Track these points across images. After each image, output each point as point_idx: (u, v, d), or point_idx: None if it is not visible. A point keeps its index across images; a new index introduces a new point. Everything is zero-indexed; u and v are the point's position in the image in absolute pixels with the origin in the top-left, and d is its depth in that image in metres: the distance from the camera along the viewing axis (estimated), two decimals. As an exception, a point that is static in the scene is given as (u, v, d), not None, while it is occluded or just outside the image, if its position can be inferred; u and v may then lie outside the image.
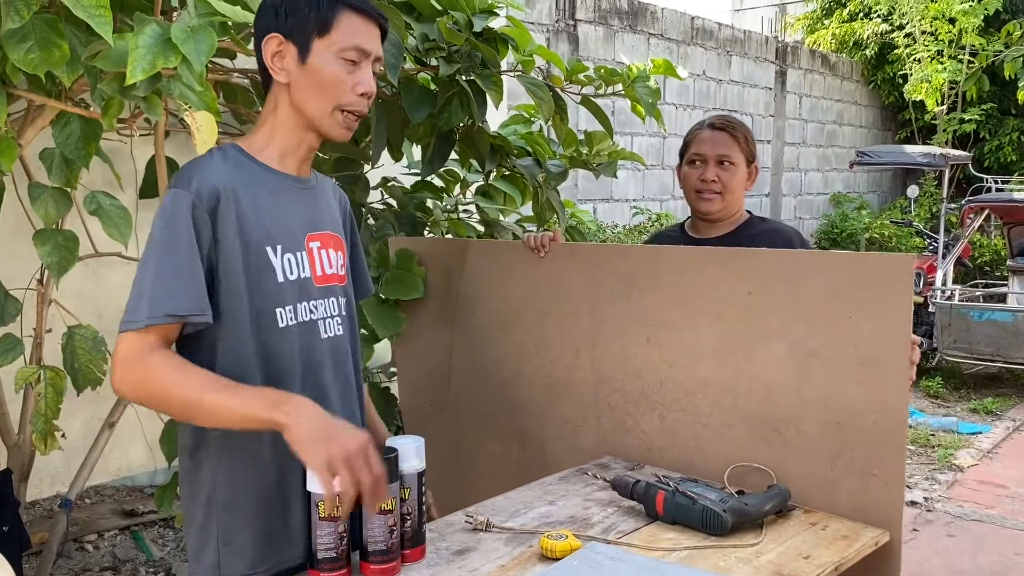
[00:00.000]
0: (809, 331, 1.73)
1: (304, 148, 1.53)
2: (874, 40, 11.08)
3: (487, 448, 2.30)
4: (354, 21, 1.46)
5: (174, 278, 1.35)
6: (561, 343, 2.13)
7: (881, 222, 9.61)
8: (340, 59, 1.45)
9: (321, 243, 1.55)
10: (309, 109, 1.47)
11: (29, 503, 3.09)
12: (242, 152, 1.49)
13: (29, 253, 2.53)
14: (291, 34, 1.45)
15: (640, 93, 2.61)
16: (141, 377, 1.34)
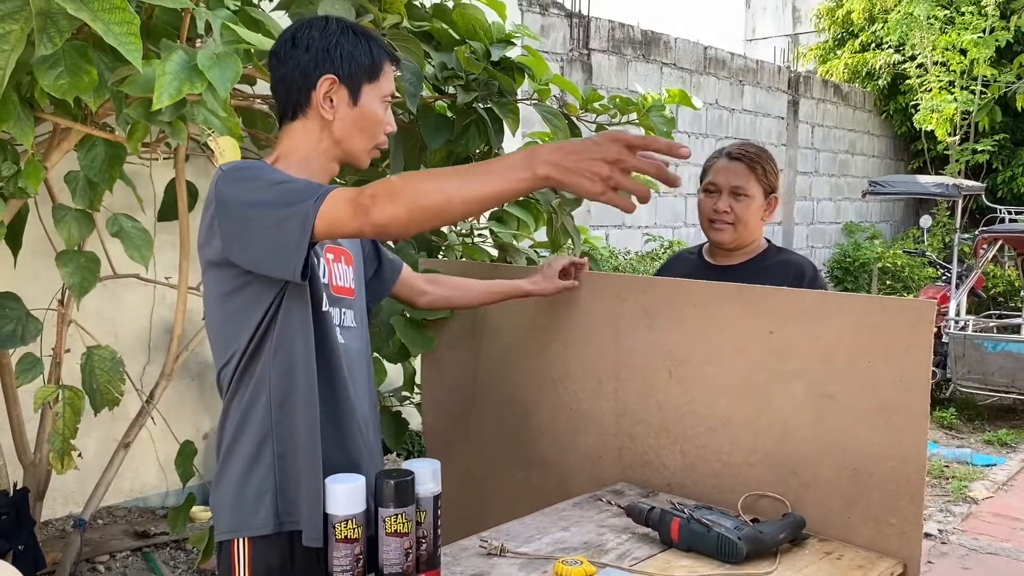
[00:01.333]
0: (827, 373, 1.72)
1: (327, 175, 1.61)
2: (886, 70, 11.13)
3: (508, 474, 2.30)
4: (390, 69, 1.61)
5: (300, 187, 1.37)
6: (584, 373, 2.14)
7: (894, 252, 9.59)
8: (382, 103, 1.59)
9: (335, 256, 1.63)
10: (352, 146, 1.59)
11: (42, 523, 3.10)
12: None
13: (49, 274, 2.57)
14: (344, 78, 1.54)
15: (655, 122, 2.64)
16: (386, 196, 1.27)
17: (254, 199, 1.38)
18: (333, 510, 1.33)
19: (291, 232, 1.33)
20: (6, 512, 2.22)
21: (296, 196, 1.34)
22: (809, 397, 1.74)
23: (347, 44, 1.55)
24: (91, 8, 1.49)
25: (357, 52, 1.55)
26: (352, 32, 1.57)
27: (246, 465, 1.53)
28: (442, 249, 3.16)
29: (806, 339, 1.75)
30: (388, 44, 1.63)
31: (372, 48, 1.57)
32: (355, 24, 1.61)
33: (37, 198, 2.29)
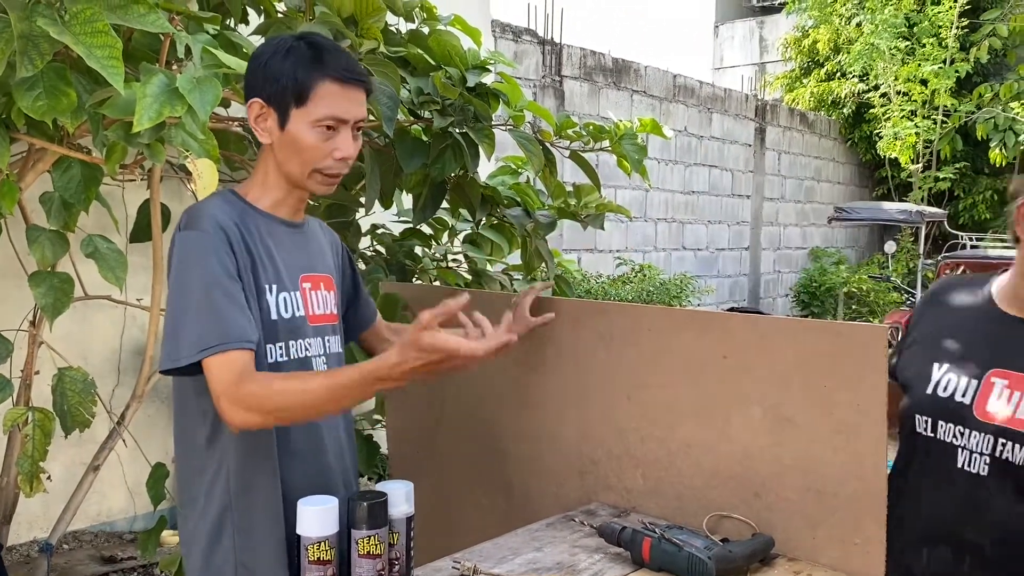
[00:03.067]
0: (784, 397, 1.75)
1: (294, 198, 1.59)
2: (851, 99, 11.37)
3: (473, 498, 2.31)
4: (331, 90, 1.47)
5: (227, 309, 1.39)
6: (546, 398, 2.16)
7: (859, 277, 9.76)
8: (316, 128, 1.47)
9: (312, 284, 1.60)
10: (289, 170, 1.52)
11: (6, 548, 3.05)
12: (239, 197, 1.56)
13: (18, 294, 2.55)
14: (270, 100, 1.48)
15: (627, 150, 2.69)
16: (245, 404, 1.36)
17: (182, 286, 1.41)
18: (306, 532, 1.34)
19: (185, 340, 1.38)
20: (-28, 536, 2.20)
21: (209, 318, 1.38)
22: (767, 420, 1.77)
23: (275, 65, 1.47)
24: (73, 31, 1.50)
25: (283, 74, 1.46)
26: (288, 51, 1.47)
27: (209, 537, 1.51)
28: (416, 273, 3.18)
29: (762, 364, 1.78)
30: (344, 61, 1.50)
31: (300, 69, 1.46)
32: (308, 41, 1.50)
33: (7, 219, 2.28)
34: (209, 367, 1.37)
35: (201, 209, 1.49)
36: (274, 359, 1.50)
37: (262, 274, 1.49)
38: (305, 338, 1.56)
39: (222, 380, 1.35)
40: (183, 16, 1.90)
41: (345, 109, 1.48)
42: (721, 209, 9.12)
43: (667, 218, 8.25)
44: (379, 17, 2.35)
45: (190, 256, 1.43)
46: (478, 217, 2.97)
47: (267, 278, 1.50)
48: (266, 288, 1.50)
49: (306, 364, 1.55)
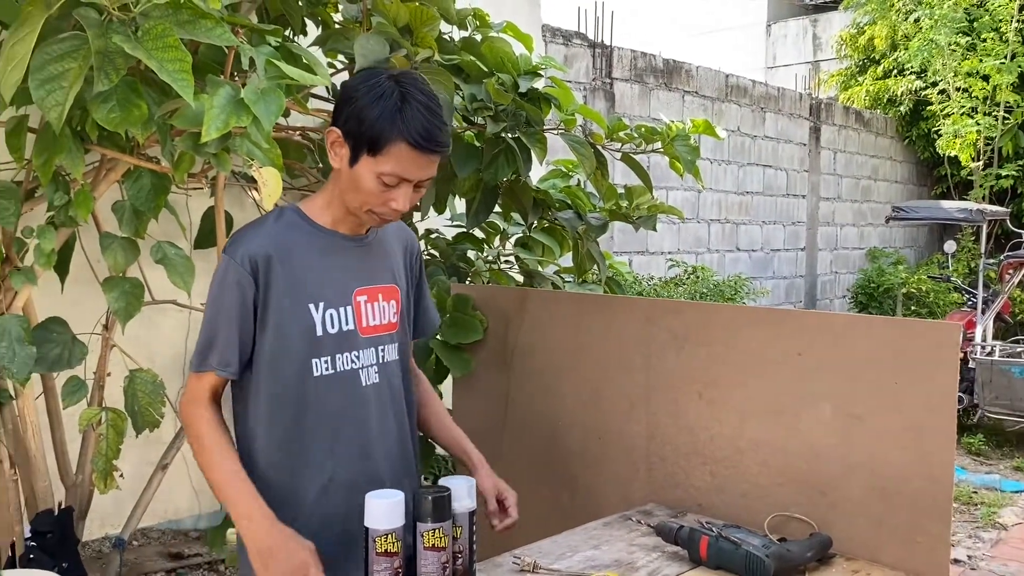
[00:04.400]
0: (855, 395, 1.76)
1: (354, 219, 1.64)
2: (908, 97, 11.14)
3: (538, 494, 2.35)
4: (403, 152, 1.49)
5: (212, 338, 1.58)
6: (615, 395, 2.19)
7: (918, 277, 9.54)
8: (380, 178, 1.52)
9: (368, 297, 1.66)
10: (347, 199, 1.59)
11: (81, 544, 3.16)
12: (299, 214, 1.64)
13: (89, 300, 2.65)
14: (347, 136, 1.53)
15: (679, 151, 2.69)
16: (189, 419, 1.61)
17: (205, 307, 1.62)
18: (373, 524, 1.38)
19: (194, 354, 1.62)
20: (51, 531, 2.29)
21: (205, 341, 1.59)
22: (837, 418, 1.78)
23: (367, 108, 1.49)
24: (146, 47, 1.57)
25: (369, 121, 1.48)
26: (382, 96, 1.49)
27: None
28: (468, 275, 3.23)
29: (834, 361, 1.79)
30: (427, 125, 1.49)
31: (383, 122, 1.47)
32: (404, 90, 1.50)
33: (79, 227, 2.38)
34: (189, 378, 1.62)
35: (240, 237, 1.60)
36: (319, 372, 1.59)
37: (308, 293, 1.58)
38: (354, 350, 1.63)
39: (188, 392, 1.61)
40: (246, 29, 1.97)
41: (411, 172, 1.52)
42: (776, 209, 9.00)
43: (720, 219, 8.18)
44: (433, 26, 2.40)
45: (215, 281, 1.60)
46: (530, 220, 3.01)
47: (313, 297, 1.59)
48: (311, 307, 1.58)
49: (354, 376, 1.63)
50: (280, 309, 1.56)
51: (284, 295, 1.56)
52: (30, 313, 2.32)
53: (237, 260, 1.55)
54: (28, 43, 1.62)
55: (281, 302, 1.56)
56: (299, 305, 1.57)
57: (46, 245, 2.11)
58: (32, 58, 1.61)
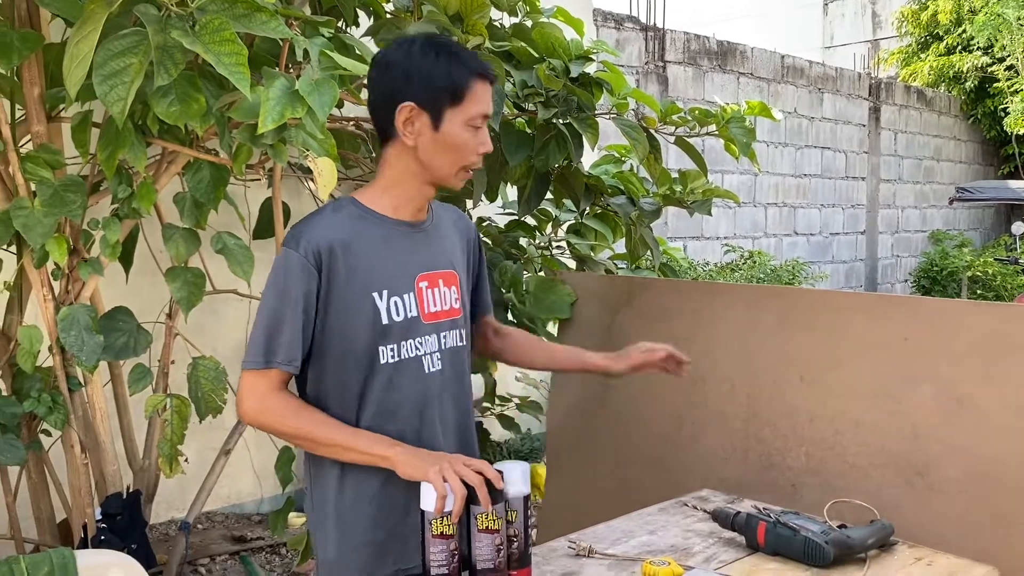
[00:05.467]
0: (958, 378, 1.76)
1: (421, 198, 1.63)
2: (973, 73, 10.80)
3: (629, 474, 2.39)
4: (480, 88, 1.55)
5: (274, 333, 1.54)
6: (717, 378, 2.21)
7: (984, 260, 9.27)
8: (468, 125, 1.54)
9: (429, 283, 1.64)
10: (437, 169, 1.57)
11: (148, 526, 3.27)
12: (356, 204, 1.61)
13: (152, 289, 2.73)
14: (424, 102, 1.52)
15: (735, 133, 2.66)
16: (259, 415, 1.56)
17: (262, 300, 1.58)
18: (429, 507, 1.40)
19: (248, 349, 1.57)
20: (120, 513, 2.36)
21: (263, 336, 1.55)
22: (938, 401, 1.78)
23: (427, 67, 1.52)
24: (203, 41, 1.60)
25: (437, 75, 1.51)
26: (435, 53, 1.53)
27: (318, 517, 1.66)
28: (520, 262, 3.23)
29: (938, 345, 1.79)
30: (479, 59, 1.59)
31: (454, 69, 1.52)
32: (441, 42, 1.57)
33: (142, 218, 2.45)
34: (245, 376, 1.55)
35: (301, 229, 1.57)
36: (385, 360, 1.58)
37: (371, 282, 1.57)
38: (418, 337, 1.61)
39: (252, 392, 1.55)
40: (300, 21, 2.00)
41: (488, 105, 1.57)
42: (835, 192, 8.82)
43: (777, 202, 8.04)
44: (484, 13, 2.41)
45: (273, 274, 1.57)
46: (582, 207, 3.00)
47: (376, 285, 1.57)
48: (375, 296, 1.57)
49: (418, 363, 1.62)
50: (344, 299, 1.55)
51: (348, 285, 1.55)
52: (97, 303, 2.39)
53: (300, 252, 1.53)
54: (91, 40, 1.66)
55: (345, 292, 1.55)
56: (364, 294, 1.56)
57: (111, 236, 2.17)
58: (95, 55, 1.66)
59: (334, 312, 1.55)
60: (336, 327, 1.56)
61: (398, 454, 1.50)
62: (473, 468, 1.43)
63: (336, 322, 1.56)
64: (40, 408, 2.23)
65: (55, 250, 2.09)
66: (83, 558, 1.69)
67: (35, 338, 2.19)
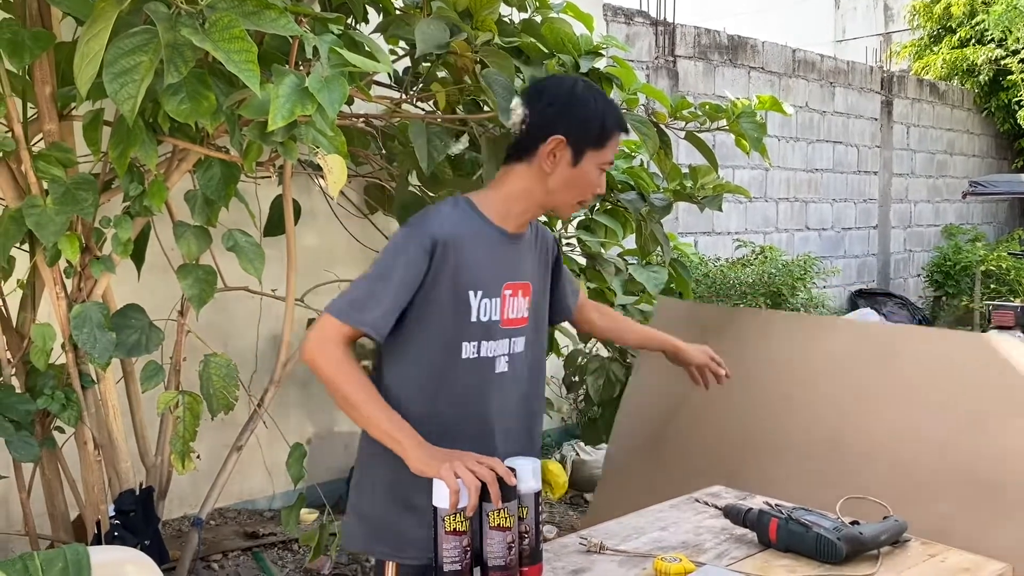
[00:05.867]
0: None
1: (530, 215, 1.79)
2: (987, 66, 10.71)
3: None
4: (617, 139, 1.75)
5: (375, 299, 1.64)
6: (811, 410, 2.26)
7: (998, 254, 9.20)
8: (598, 168, 1.72)
9: (512, 291, 1.78)
10: (560, 198, 1.74)
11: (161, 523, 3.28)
12: (471, 205, 1.75)
13: (164, 287, 2.74)
14: (573, 140, 1.69)
15: (745, 128, 2.64)
16: (322, 358, 1.62)
17: (374, 264, 1.70)
18: (442, 503, 1.40)
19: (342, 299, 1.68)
20: (133, 509, 2.38)
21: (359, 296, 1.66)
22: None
23: (584, 110, 1.69)
24: (213, 39, 1.60)
25: (591, 120, 1.69)
26: (593, 99, 1.71)
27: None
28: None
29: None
30: (623, 119, 1.76)
31: (606, 119, 1.70)
32: (597, 90, 1.75)
33: (154, 216, 2.45)
34: (327, 319, 1.64)
35: (428, 215, 1.73)
36: (467, 355, 1.71)
37: (471, 281, 1.69)
38: (495, 339, 1.74)
39: (324, 331, 1.63)
40: (309, 18, 1.99)
41: (615, 153, 1.78)
42: (846, 187, 8.77)
43: (789, 197, 8.01)
44: (493, 9, 2.40)
45: (391, 247, 1.69)
46: (592, 202, 2.99)
47: (475, 284, 1.70)
48: (471, 294, 1.69)
49: (491, 363, 1.74)
50: (445, 290, 1.67)
51: (451, 278, 1.67)
52: (109, 300, 2.40)
53: (420, 237, 1.65)
54: (102, 39, 1.67)
55: (447, 284, 1.67)
56: (462, 290, 1.68)
57: (123, 234, 2.18)
58: (105, 53, 1.66)
59: (433, 300, 1.67)
60: (431, 314, 1.68)
61: (413, 447, 1.55)
62: (486, 465, 1.44)
63: (432, 310, 1.68)
64: (53, 405, 2.24)
65: (67, 248, 2.10)
66: (96, 554, 1.70)
67: (48, 336, 2.20)
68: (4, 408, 2.18)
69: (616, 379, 3.45)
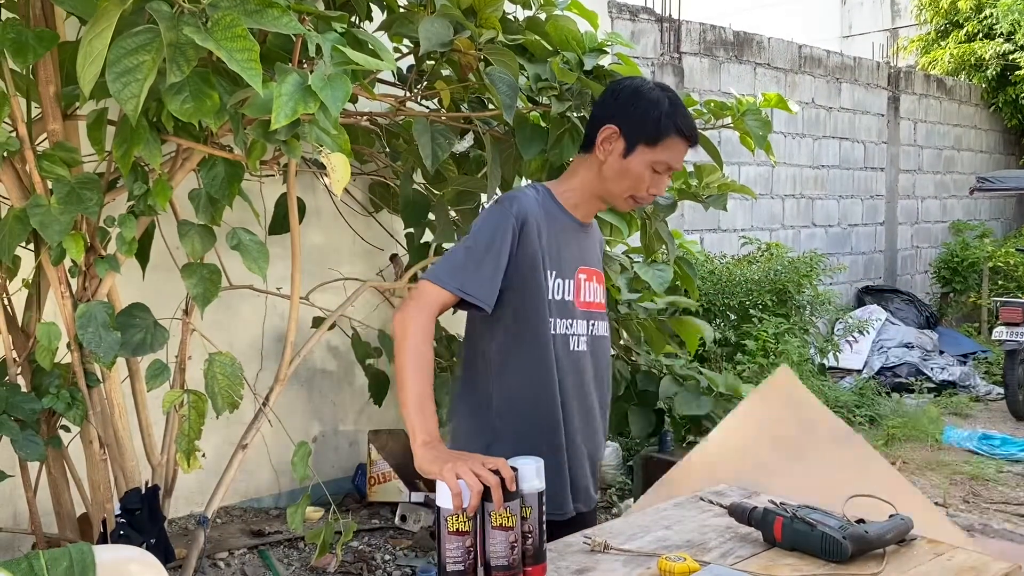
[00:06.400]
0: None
1: (594, 204, 1.88)
2: (995, 61, 10.66)
3: None
4: (676, 144, 1.76)
5: (476, 267, 1.72)
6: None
7: (1006, 250, 9.16)
8: (650, 167, 1.76)
9: (587, 276, 1.89)
10: (610, 187, 1.81)
11: (167, 521, 3.29)
12: (549, 193, 1.85)
13: (170, 286, 2.74)
14: (626, 132, 1.76)
15: (750, 125, 2.63)
16: (407, 323, 1.67)
17: (468, 235, 1.78)
18: (444, 503, 1.40)
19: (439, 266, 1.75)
20: (139, 508, 2.38)
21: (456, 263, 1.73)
22: None
23: (645, 107, 1.75)
24: (215, 38, 1.60)
25: (648, 117, 1.74)
26: (657, 98, 1.75)
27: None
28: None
29: None
30: (692, 122, 1.79)
31: (663, 121, 1.74)
32: (671, 94, 1.79)
33: (158, 215, 2.46)
34: (426, 286, 1.70)
35: (516, 195, 1.81)
36: (543, 331, 1.79)
37: (546, 261, 1.78)
38: (572, 318, 1.84)
39: (420, 296, 1.69)
40: (313, 16, 1.99)
41: (677, 161, 1.79)
42: (853, 183, 8.73)
43: (795, 194, 7.98)
44: (497, 6, 2.40)
45: (486, 219, 1.77)
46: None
47: (549, 265, 1.79)
48: (545, 273, 1.79)
49: (566, 340, 1.83)
50: (525, 267, 1.76)
51: (530, 256, 1.76)
52: (114, 299, 2.41)
53: (512, 212, 1.74)
54: (105, 38, 1.67)
55: (527, 260, 1.76)
56: (539, 268, 1.77)
57: (127, 233, 2.18)
58: (108, 52, 1.66)
59: (519, 275, 1.76)
60: (511, 288, 1.75)
61: (421, 445, 1.57)
62: (489, 467, 1.44)
63: (512, 284, 1.75)
64: (59, 404, 2.25)
65: (72, 247, 2.10)
66: (102, 553, 1.69)
67: (53, 335, 2.21)
68: (10, 407, 2.18)
69: (621, 377, 3.45)
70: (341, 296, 3.24)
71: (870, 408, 5.98)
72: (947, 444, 5.53)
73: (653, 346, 3.47)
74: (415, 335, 1.66)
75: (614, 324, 3.44)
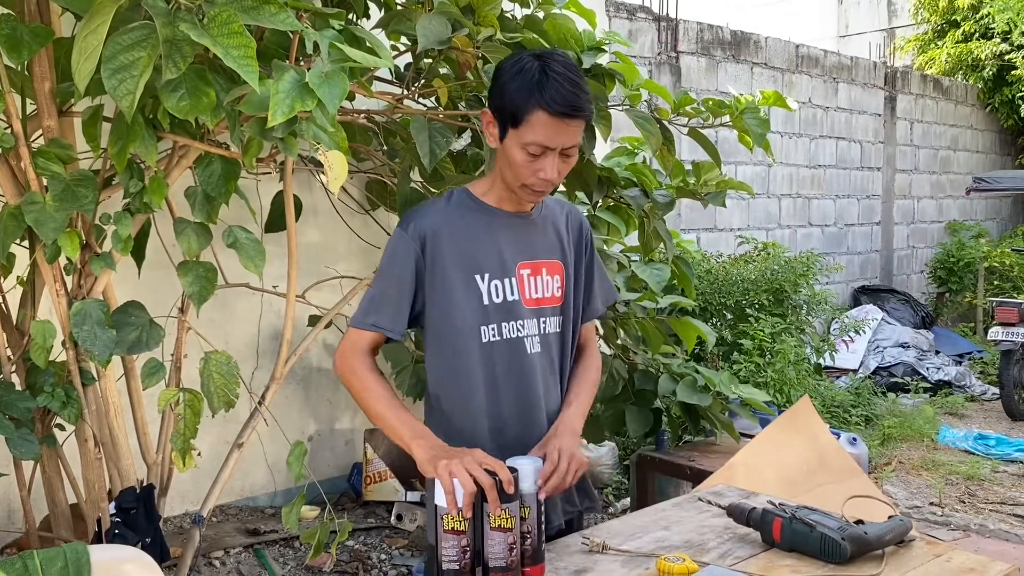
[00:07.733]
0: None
1: (510, 193, 1.75)
2: (991, 61, 10.66)
3: None
4: (542, 120, 1.59)
5: (383, 300, 1.73)
6: None
7: (1001, 251, 9.17)
8: (524, 149, 1.63)
9: (532, 270, 1.77)
10: (505, 177, 1.71)
11: (162, 520, 3.27)
12: (467, 194, 1.78)
13: (166, 284, 2.73)
14: (496, 114, 1.67)
15: (749, 124, 2.63)
16: (344, 369, 1.74)
17: (377, 271, 1.79)
18: (442, 502, 1.39)
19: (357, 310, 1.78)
20: (134, 507, 2.37)
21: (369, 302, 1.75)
22: None
23: (511, 85, 1.61)
24: (211, 34, 1.59)
25: (511, 95, 1.61)
26: (521, 72, 1.60)
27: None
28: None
29: None
30: (565, 93, 1.57)
31: (519, 95, 1.59)
32: (539, 65, 1.60)
33: (154, 213, 2.44)
34: (350, 332, 1.75)
35: (413, 213, 1.77)
36: (487, 339, 1.73)
37: (474, 265, 1.72)
38: (519, 320, 1.75)
39: (348, 344, 1.74)
40: (310, 13, 1.98)
41: (551, 138, 1.61)
42: (850, 183, 8.73)
43: (792, 194, 7.98)
44: (495, 4, 2.39)
45: (387, 248, 1.76)
46: (595, 199, 2.98)
47: (478, 268, 1.72)
48: (477, 278, 1.72)
49: (518, 344, 1.74)
50: (449, 279, 1.70)
51: (452, 267, 1.70)
52: (109, 298, 2.39)
53: (408, 234, 1.71)
54: (100, 34, 1.65)
55: (449, 273, 1.70)
56: (467, 276, 1.71)
57: (123, 231, 2.17)
58: (104, 48, 1.65)
59: (440, 290, 1.71)
60: (443, 304, 1.71)
61: (417, 445, 1.57)
62: (487, 467, 1.43)
63: (442, 299, 1.71)
64: (54, 403, 2.23)
65: (67, 245, 2.09)
66: (97, 552, 1.68)
67: (48, 333, 2.19)
68: (4, 405, 2.17)
69: (619, 376, 3.44)
70: (338, 294, 3.22)
71: (866, 408, 5.98)
72: (943, 444, 5.54)
73: (651, 345, 3.46)
74: (355, 371, 1.71)
75: (611, 323, 3.43)
